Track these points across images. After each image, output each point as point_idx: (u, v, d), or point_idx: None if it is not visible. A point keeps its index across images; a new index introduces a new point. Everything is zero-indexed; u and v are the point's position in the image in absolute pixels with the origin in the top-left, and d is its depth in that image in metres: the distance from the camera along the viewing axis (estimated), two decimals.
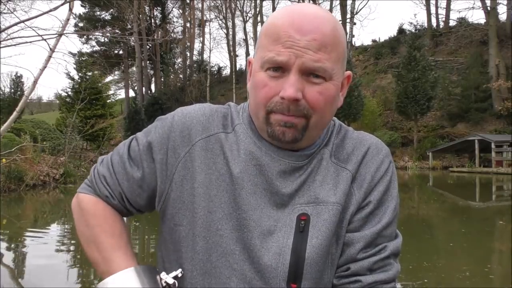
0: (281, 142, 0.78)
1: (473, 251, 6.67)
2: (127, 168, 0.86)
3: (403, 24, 45.87)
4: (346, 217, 0.81)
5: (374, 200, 0.82)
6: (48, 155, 17.00)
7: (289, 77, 0.74)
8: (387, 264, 0.81)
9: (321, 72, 0.75)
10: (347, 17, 36.38)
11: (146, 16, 42.42)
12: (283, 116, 0.76)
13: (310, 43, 0.74)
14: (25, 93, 4.41)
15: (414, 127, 28.02)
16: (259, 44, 0.80)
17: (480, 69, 29.46)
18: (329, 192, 0.81)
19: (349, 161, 0.84)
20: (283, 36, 0.74)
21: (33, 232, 8.78)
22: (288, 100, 0.74)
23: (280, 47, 0.74)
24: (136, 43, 33.43)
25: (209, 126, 0.85)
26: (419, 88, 26.01)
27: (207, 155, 0.82)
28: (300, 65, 0.74)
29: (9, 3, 5.22)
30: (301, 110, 0.76)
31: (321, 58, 0.74)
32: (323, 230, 0.78)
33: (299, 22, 0.75)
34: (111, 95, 37.94)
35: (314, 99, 0.76)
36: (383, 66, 36.21)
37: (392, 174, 0.86)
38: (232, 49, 42.15)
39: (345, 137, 0.88)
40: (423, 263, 5.70)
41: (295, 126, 0.77)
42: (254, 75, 0.80)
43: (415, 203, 12.76)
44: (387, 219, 0.83)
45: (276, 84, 0.76)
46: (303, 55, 0.74)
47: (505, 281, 5.24)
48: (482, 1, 32.92)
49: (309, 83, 0.76)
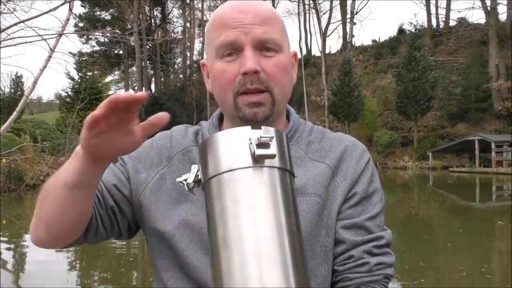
0: (254, 123, 0.78)
1: (470, 251, 6.67)
2: (111, 167, 0.88)
3: (403, 24, 45.87)
4: (334, 208, 0.82)
5: (360, 191, 0.84)
6: (48, 155, 17.01)
7: (245, 53, 0.78)
8: (386, 252, 0.84)
9: (271, 43, 0.79)
10: (347, 17, 36.39)
11: (146, 16, 42.43)
12: (250, 96, 0.79)
13: (254, 19, 0.78)
14: (25, 93, 4.42)
15: (414, 127, 28.01)
16: (208, 41, 0.84)
17: (480, 69, 29.45)
18: (306, 183, 0.81)
19: (327, 157, 0.86)
20: (228, 20, 0.79)
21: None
22: (249, 73, 0.77)
23: (228, 29, 0.78)
24: (136, 43, 33.44)
25: (184, 142, 0.88)
26: (419, 88, 26.00)
27: (184, 167, 0.84)
28: (251, 40, 0.78)
29: (9, 3, 5.22)
30: (262, 83, 0.78)
31: (268, 30, 0.79)
32: (301, 220, 0.78)
33: (239, 5, 0.80)
34: (111, 95, 37.91)
35: (272, 71, 0.79)
36: (383, 66, 36.18)
37: (373, 168, 0.89)
38: None
39: (323, 137, 0.89)
40: (420, 263, 5.71)
41: (263, 104, 0.79)
42: (212, 68, 0.83)
43: (415, 203, 12.76)
44: (376, 210, 0.85)
45: (234, 66, 0.79)
46: (251, 30, 0.78)
47: (502, 280, 5.25)
48: (482, 1, 32.95)
49: (264, 57, 0.79)
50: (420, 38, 30.76)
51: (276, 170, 0.57)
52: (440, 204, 12.86)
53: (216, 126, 0.90)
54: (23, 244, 7.38)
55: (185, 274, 0.81)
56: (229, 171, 0.57)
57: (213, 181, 0.58)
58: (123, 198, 0.86)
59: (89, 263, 6.17)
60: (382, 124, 29.91)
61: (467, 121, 28.22)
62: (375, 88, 33.73)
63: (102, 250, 6.63)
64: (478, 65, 29.76)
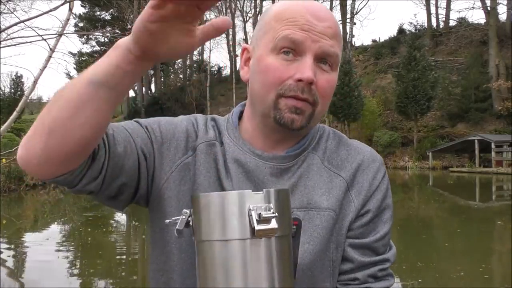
0: (288, 129, 0.77)
1: (469, 251, 6.68)
2: (140, 130, 0.80)
3: (403, 24, 45.94)
4: (345, 224, 0.82)
5: (373, 208, 0.83)
6: None
7: (305, 59, 0.74)
8: (389, 274, 0.84)
9: (333, 59, 0.77)
10: (347, 17, 36.38)
11: None
12: (295, 100, 0.75)
13: (326, 30, 0.75)
14: (25, 93, 4.41)
15: (414, 127, 28.01)
16: (267, 28, 0.78)
17: (480, 69, 29.46)
18: (321, 197, 0.80)
19: (343, 168, 0.84)
20: (300, 19, 0.75)
21: (33, 232, 8.79)
22: (307, 81, 0.74)
23: (297, 28, 0.74)
24: None
25: (209, 133, 0.85)
26: (419, 88, 26.01)
27: (207, 158, 0.81)
28: (317, 50, 0.75)
29: (9, 3, 5.22)
30: (313, 95, 0.76)
31: (334, 45, 0.76)
32: (314, 235, 0.78)
33: (315, 9, 0.76)
34: None
35: (324, 87, 0.77)
36: (383, 66, 36.18)
37: (388, 183, 0.88)
38: (232, 49, 42.16)
39: (339, 144, 0.88)
40: (417, 263, 5.71)
41: (304, 113, 0.76)
42: (261, 59, 0.78)
43: (414, 203, 12.76)
44: (386, 228, 0.84)
45: (289, 68, 0.75)
46: (320, 39, 0.75)
47: (499, 281, 5.25)
48: (482, 1, 32.95)
49: (320, 70, 0.77)
50: (420, 38, 30.80)
51: (274, 239, 0.55)
52: (439, 204, 12.86)
53: (236, 126, 0.85)
54: (23, 244, 7.38)
55: (185, 279, 0.78)
56: (224, 240, 0.54)
57: (206, 244, 0.56)
58: (145, 170, 0.78)
59: (89, 264, 6.16)
60: (382, 124, 29.91)
61: (467, 121, 28.22)
62: (375, 88, 33.74)
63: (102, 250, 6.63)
64: (478, 65, 29.76)
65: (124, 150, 0.73)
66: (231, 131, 0.84)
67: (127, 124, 0.80)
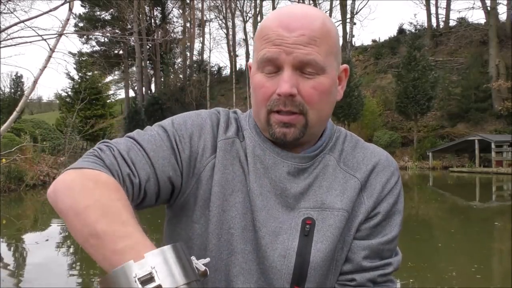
0: (283, 142, 0.80)
1: (463, 251, 6.68)
2: (162, 146, 0.80)
3: (403, 24, 45.90)
4: (354, 224, 0.82)
5: (383, 211, 0.84)
6: (48, 155, 17.02)
7: (283, 73, 0.76)
8: (389, 280, 0.84)
9: (313, 65, 0.76)
10: (347, 17, 36.40)
11: (146, 16, 42.42)
12: (281, 116, 0.77)
13: (299, 39, 0.75)
14: (25, 93, 4.42)
15: (414, 127, 28.02)
16: (255, 47, 0.82)
17: (480, 69, 29.46)
18: (335, 198, 0.82)
19: (358, 170, 0.85)
20: (272, 35, 0.76)
21: (33, 232, 8.79)
22: (284, 96, 0.76)
23: (270, 45, 0.76)
24: (136, 43, 33.42)
25: (228, 129, 0.86)
26: (419, 88, 26.01)
27: (226, 156, 0.83)
28: (292, 61, 0.75)
29: (9, 3, 5.22)
30: (297, 106, 0.77)
31: (311, 52, 0.75)
32: (328, 235, 0.80)
33: (287, 21, 0.76)
34: (111, 95, 38.00)
35: (309, 94, 0.77)
36: (383, 66, 36.19)
37: (401, 189, 0.88)
38: (232, 49, 42.16)
39: (356, 146, 0.89)
40: (408, 263, 5.68)
41: (294, 126, 0.78)
42: (252, 77, 0.81)
43: (414, 203, 12.75)
44: (394, 232, 0.85)
45: (273, 83, 0.77)
46: (293, 51, 0.75)
47: (491, 280, 5.24)
48: (482, 1, 32.93)
49: (303, 78, 0.77)
50: (420, 38, 30.76)
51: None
52: (439, 204, 12.86)
53: (258, 132, 0.85)
54: (23, 244, 7.38)
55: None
56: None
57: None
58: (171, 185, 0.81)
59: (89, 264, 6.16)
60: (382, 124, 29.92)
61: (467, 121, 28.23)
62: (375, 88, 33.75)
63: None
64: (478, 65, 29.76)
65: (152, 190, 0.78)
66: (252, 126, 0.86)
67: (150, 141, 0.80)
